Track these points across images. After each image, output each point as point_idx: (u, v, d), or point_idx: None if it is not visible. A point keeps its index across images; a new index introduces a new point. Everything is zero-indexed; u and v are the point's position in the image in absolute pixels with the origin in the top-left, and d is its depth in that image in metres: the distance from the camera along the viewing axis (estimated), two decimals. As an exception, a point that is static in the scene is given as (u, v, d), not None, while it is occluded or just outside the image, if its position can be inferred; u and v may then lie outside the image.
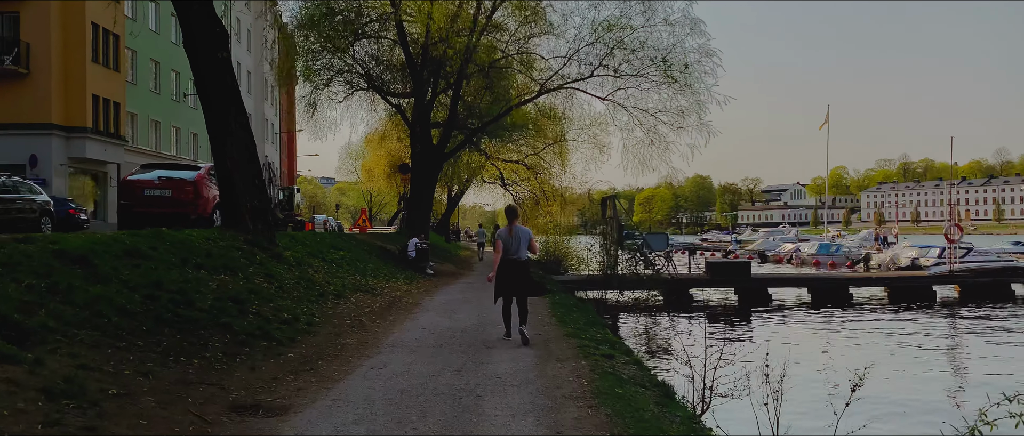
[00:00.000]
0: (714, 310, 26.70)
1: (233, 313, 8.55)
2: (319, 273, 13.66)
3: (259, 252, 12.59)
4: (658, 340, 17.51)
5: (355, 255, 18.85)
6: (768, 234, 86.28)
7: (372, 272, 17.35)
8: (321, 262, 15.00)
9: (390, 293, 14.99)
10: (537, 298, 12.51)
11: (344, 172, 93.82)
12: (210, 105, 13.51)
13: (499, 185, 45.06)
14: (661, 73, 24.98)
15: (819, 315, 25.09)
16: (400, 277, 18.72)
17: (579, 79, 25.99)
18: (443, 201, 58.34)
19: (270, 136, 66.57)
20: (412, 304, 13.74)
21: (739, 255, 60.64)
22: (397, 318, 11.67)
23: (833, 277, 29.16)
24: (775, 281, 28.53)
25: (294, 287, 11.41)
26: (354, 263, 17.24)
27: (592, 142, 38.65)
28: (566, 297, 16.06)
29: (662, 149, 26.30)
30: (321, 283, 12.71)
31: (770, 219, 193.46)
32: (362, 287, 14.43)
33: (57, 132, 31.79)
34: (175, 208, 14.51)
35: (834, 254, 51.58)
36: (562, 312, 12.48)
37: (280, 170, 71.93)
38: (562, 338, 9.70)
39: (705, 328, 8.18)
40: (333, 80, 29.42)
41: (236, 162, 13.40)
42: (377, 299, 13.59)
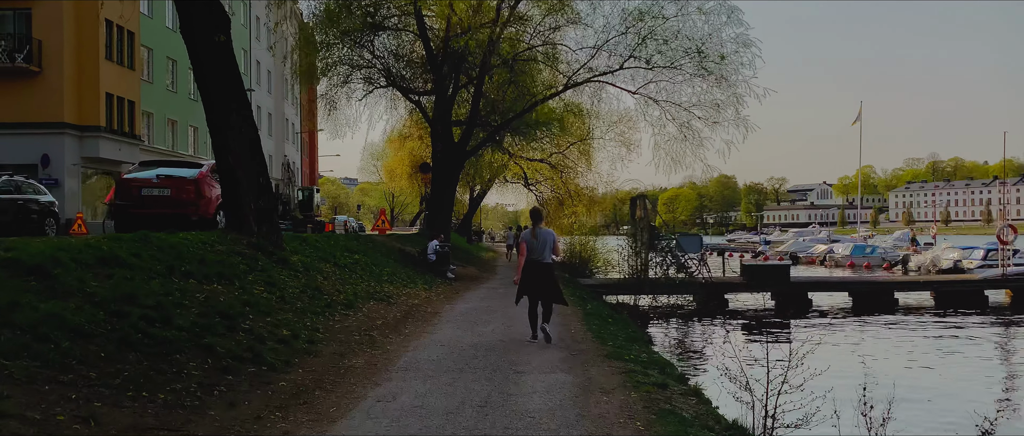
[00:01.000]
0: (751, 316, 25.26)
1: (220, 331, 7.34)
2: (329, 280, 12.44)
3: (262, 257, 11.40)
4: (698, 351, 16.13)
5: (371, 258, 17.65)
6: (797, 234, 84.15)
7: (389, 277, 16.12)
8: (332, 267, 13.79)
9: (407, 301, 13.74)
10: (574, 313, 11.57)
11: (366, 172, 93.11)
12: (209, 96, 12.35)
13: (522, 185, 43.86)
14: (695, 65, 23.56)
15: (864, 322, 23.52)
16: (419, 282, 17.48)
17: (608, 72, 24.62)
18: (465, 201, 57.34)
19: (291, 136, 65.82)
20: (430, 314, 12.47)
21: (769, 256, 58.87)
22: (413, 331, 10.40)
23: (877, 281, 27.54)
24: (815, 285, 26.96)
25: (298, 297, 10.19)
26: (369, 268, 16.03)
27: (619, 140, 37.29)
28: (599, 305, 14.72)
29: (696, 145, 24.86)
30: (330, 291, 11.48)
31: (796, 219, 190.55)
32: (376, 294, 13.20)
33: (70, 131, 30.98)
34: (175, 209, 13.37)
35: (869, 255, 49.77)
36: (597, 324, 11.16)
37: (301, 170, 71.25)
38: (602, 359, 8.38)
39: (766, 348, 6.76)
40: (352, 76, 28.44)
41: (239, 158, 12.23)
42: (392, 308, 12.34)
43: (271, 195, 12.80)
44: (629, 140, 36.91)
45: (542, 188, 42.75)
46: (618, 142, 37.28)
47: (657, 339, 18.12)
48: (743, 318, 24.59)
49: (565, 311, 12.37)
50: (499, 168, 41.35)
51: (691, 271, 25.08)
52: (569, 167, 39.00)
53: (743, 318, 24.59)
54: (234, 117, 12.31)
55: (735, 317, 24.70)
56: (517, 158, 38.75)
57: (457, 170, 27.23)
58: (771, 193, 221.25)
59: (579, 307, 13.53)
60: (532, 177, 42.43)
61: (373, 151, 79.39)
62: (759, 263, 34.76)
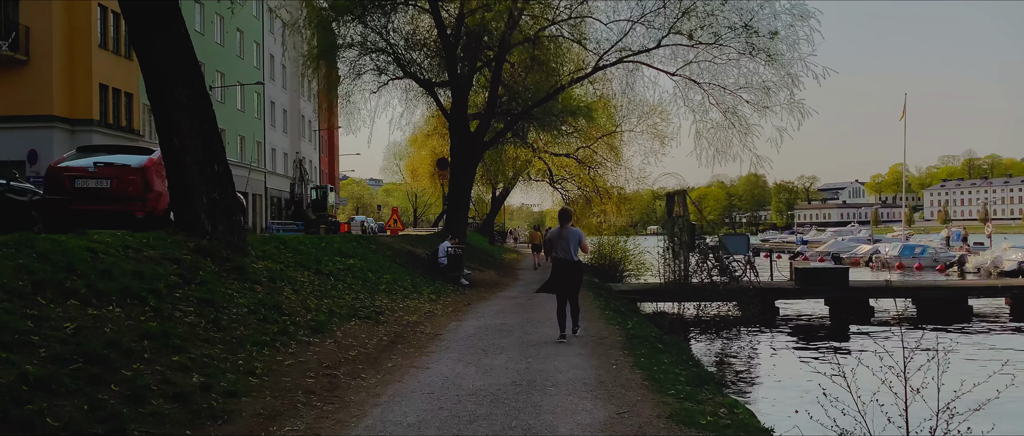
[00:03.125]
0: (807, 326, 22.34)
1: (81, 382, 4.74)
2: (300, 293, 9.82)
3: (210, 265, 8.80)
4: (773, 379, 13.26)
5: (368, 263, 15.04)
6: (836, 234, 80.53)
7: (386, 287, 13.49)
8: (311, 276, 11.17)
9: (402, 318, 11.08)
10: (612, 335, 8.98)
11: (389, 172, 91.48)
12: (149, 59, 9.78)
13: (547, 183, 41.30)
14: (743, 41, 20.69)
15: (938, 332, 20.44)
16: (424, 290, 14.85)
17: (643, 51, 21.80)
18: (487, 201, 54.89)
19: (307, 133, 63.65)
20: (429, 336, 9.79)
21: (809, 257, 55.64)
22: (398, 366, 7.73)
23: (946, 286, 24.42)
24: (877, 291, 23.90)
25: (243, 320, 7.56)
26: (363, 275, 13.40)
27: (652, 132, 34.59)
28: (640, 322, 11.88)
29: (743, 133, 21.96)
30: (295, 309, 8.85)
31: (828, 218, 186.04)
32: (362, 310, 10.56)
33: (60, 125, 28.82)
34: (117, 205, 10.82)
35: (920, 256, 46.35)
36: (646, 355, 8.39)
37: (319, 169, 69.05)
38: (664, 421, 5.56)
39: (904, 378, 4.11)
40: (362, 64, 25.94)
41: (185, 139, 9.65)
42: (379, 329, 9.69)
43: (229, 187, 10.19)
44: (663, 132, 34.23)
45: (568, 186, 40.18)
46: (651, 134, 34.60)
47: (710, 358, 15.30)
48: (799, 329, 21.68)
49: (603, 335, 9.73)
50: (523, 165, 38.88)
51: (737, 275, 22.19)
52: (597, 163, 36.36)
53: (799, 329, 21.68)
54: (180, 89, 9.72)
55: (789, 328, 21.78)
56: (541, 153, 36.17)
57: (474, 163, 24.56)
58: (802, 192, 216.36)
59: (618, 326, 10.76)
60: (558, 174, 39.82)
61: (396, 150, 77.82)
62: (814, 266, 31.71)
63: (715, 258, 21.99)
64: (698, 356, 15.26)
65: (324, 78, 27.20)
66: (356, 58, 25.80)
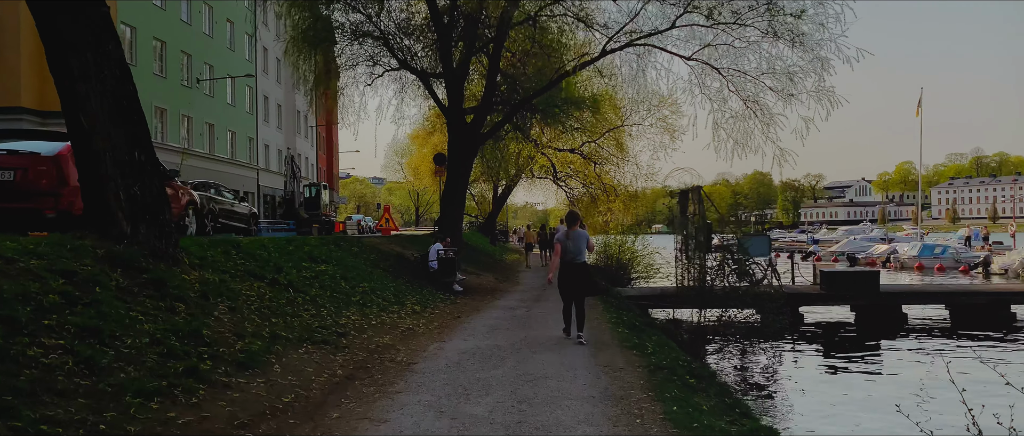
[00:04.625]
0: (834, 336, 20.36)
1: None
2: (240, 312, 7.84)
3: (116, 276, 6.84)
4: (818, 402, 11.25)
5: (346, 269, 13.06)
6: (849, 233, 78.38)
7: (361, 297, 11.51)
8: (264, 287, 9.20)
9: (371, 339, 9.08)
10: (629, 365, 6.93)
11: (390, 171, 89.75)
12: (45, 18, 7.82)
13: (551, 180, 39.32)
14: (766, 22, 18.67)
15: (980, 342, 18.48)
16: (408, 300, 12.86)
17: (655, 33, 19.76)
18: (489, 199, 53.05)
19: (303, 130, 61.68)
20: (399, 367, 7.77)
21: (822, 257, 53.63)
22: (344, 417, 5.69)
23: (985, 291, 22.37)
24: (910, 296, 21.89)
25: (140, 354, 5.57)
26: (334, 284, 11.43)
27: (661, 125, 32.56)
28: (662, 342, 9.81)
29: (765, 123, 19.92)
30: (223, 336, 6.85)
31: (835, 217, 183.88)
32: (321, 332, 8.56)
33: (28, 117, 26.90)
34: (22, 202, 8.87)
35: (941, 257, 44.25)
36: (677, 399, 6.32)
37: (316, 167, 67.13)
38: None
39: None
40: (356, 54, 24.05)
41: (95, 116, 7.69)
42: (336, 358, 7.70)
43: (155, 178, 8.21)
44: (673, 126, 32.24)
45: (573, 183, 38.21)
46: (661, 128, 32.59)
47: (737, 374, 13.32)
48: (828, 339, 19.71)
49: (619, 364, 7.74)
50: (525, 161, 36.92)
51: (758, 279, 20.15)
52: (603, 158, 34.35)
53: (828, 339, 19.71)
54: (88, 55, 7.75)
55: (818, 337, 19.80)
56: (544, 149, 34.16)
57: (470, 157, 22.56)
58: (808, 190, 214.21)
59: (636, 351, 8.74)
60: (562, 170, 37.83)
61: (398, 148, 76.29)
62: (841, 269, 29.71)
63: (734, 261, 19.95)
64: (725, 375, 13.29)
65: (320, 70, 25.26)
66: (348, 46, 23.96)
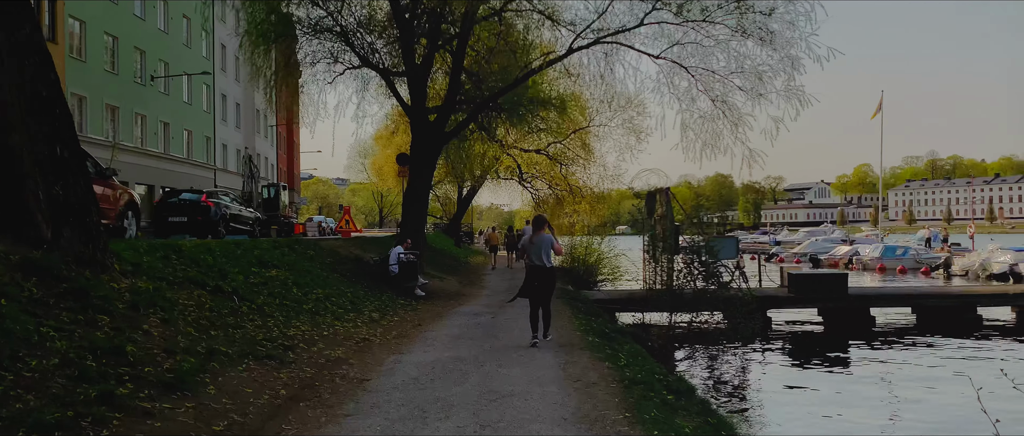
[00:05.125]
0: (803, 339, 20.08)
1: None
2: (175, 324, 7.10)
3: (31, 288, 6.07)
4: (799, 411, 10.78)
5: (299, 274, 12.30)
6: (810, 234, 79.04)
7: (314, 305, 10.78)
8: (205, 296, 8.44)
9: (322, 352, 8.38)
10: (603, 380, 6.35)
11: (354, 171, 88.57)
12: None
13: (517, 181, 38.75)
14: (735, 20, 18.30)
15: (951, 347, 18.31)
16: (366, 308, 12.15)
17: (623, 30, 19.29)
18: (454, 200, 52.39)
19: (263, 129, 60.25)
20: (350, 385, 7.08)
21: (784, 259, 53.82)
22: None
23: (952, 293, 22.30)
24: (878, 299, 21.72)
25: (45, 379, 4.84)
26: (285, 290, 10.68)
27: (627, 127, 32.28)
28: (638, 360, 9.17)
29: (734, 123, 19.57)
30: (151, 353, 6.11)
31: (795, 218, 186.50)
32: (265, 345, 7.84)
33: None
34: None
35: (902, 258, 44.60)
36: (658, 419, 5.76)
37: (276, 167, 65.71)
38: None
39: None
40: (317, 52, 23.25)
41: (5, 107, 6.88)
42: (280, 376, 6.99)
43: (80, 177, 7.42)
44: (639, 127, 32.02)
45: (538, 184, 37.70)
46: (627, 129, 32.30)
47: (708, 382, 12.83)
48: (797, 343, 19.41)
49: (592, 379, 7.16)
50: (491, 162, 36.38)
51: (726, 282, 19.77)
52: (570, 159, 33.90)
53: (797, 343, 19.41)
54: (1, 39, 6.94)
55: (787, 341, 19.48)
56: (510, 149, 33.59)
57: (433, 157, 21.85)
58: (768, 192, 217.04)
59: (608, 362, 8.16)
60: (528, 171, 37.28)
61: (361, 149, 75.38)
62: (810, 271, 29.58)
63: (702, 263, 19.56)
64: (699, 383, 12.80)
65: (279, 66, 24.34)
66: (308, 43, 23.16)
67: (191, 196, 21.82)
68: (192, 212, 20.91)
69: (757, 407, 11.72)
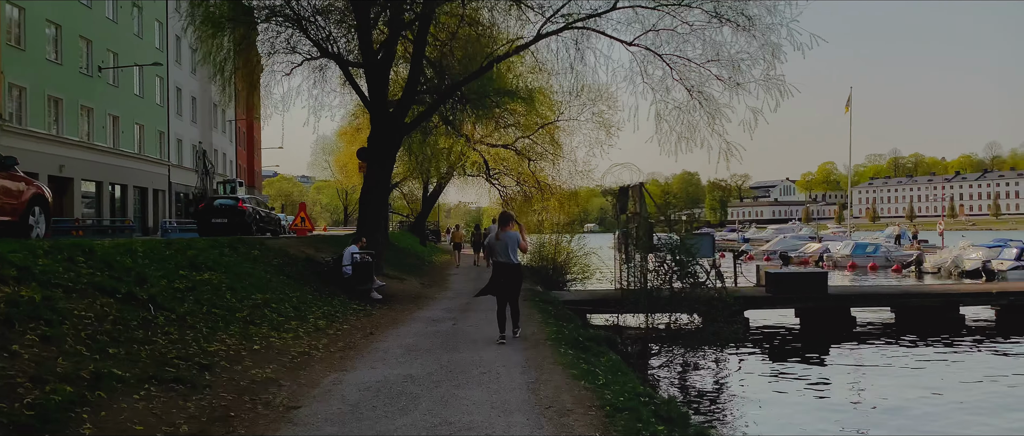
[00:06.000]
0: (783, 341, 19.20)
1: None
2: (62, 341, 5.79)
3: None
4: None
5: (238, 276, 10.98)
6: (779, 231, 79.14)
7: (251, 312, 9.48)
8: (112, 305, 7.12)
9: (249, 371, 7.11)
10: (580, 405, 5.20)
11: (318, 168, 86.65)
12: None
13: (484, 178, 37.59)
14: (713, 4, 17.31)
15: (935, 348, 17.57)
16: (313, 313, 10.87)
17: (594, 15, 18.18)
18: (420, 197, 51.13)
19: (221, 124, 58.25)
20: (275, 413, 5.80)
21: (754, 256, 53.40)
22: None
23: (935, 293, 21.57)
24: (859, 298, 20.92)
25: None
26: (218, 296, 9.37)
27: (598, 121, 31.29)
28: (620, 378, 7.98)
29: (711, 114, 18.58)
30: (4, 387, 4.81)
31: (760, 215, 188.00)
32: (175, 364, 6.54)
33: None
34: None
35: (873, 255, 44.35)
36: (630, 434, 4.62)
37: (235, 163, 63.67)
38: None
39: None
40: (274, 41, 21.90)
41: None
42: (186, 404, 5.70)
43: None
44: (610, 122, 31.04)
45: (506, 181, 36.59)
46: (597, 124, 31.31)
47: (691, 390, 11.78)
48: (777, 345, 18.52)
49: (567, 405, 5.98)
50: (457, 158, 35.17)
51: (701, 281, 18.76)
52: (538, 155, 32.81)
53: (777, 345, 18.52)
54: None
55: (765, 343, 18.58)
56: (477, 144, 32.41)
57: (393, 149, 20.54)
58: (734, 189, 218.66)
59: (584, 381, 6.99)
60: (495, 167, 36.13)
61: (325, 146, 73.74)
62: (787, 270, 28.81)
63: (677, 262, 18.52)
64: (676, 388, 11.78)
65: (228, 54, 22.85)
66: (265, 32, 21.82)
67: (229, 201, 26.08)
68: (231, 215, 24.53)
69: (740, 414, 10.77)
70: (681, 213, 29.40)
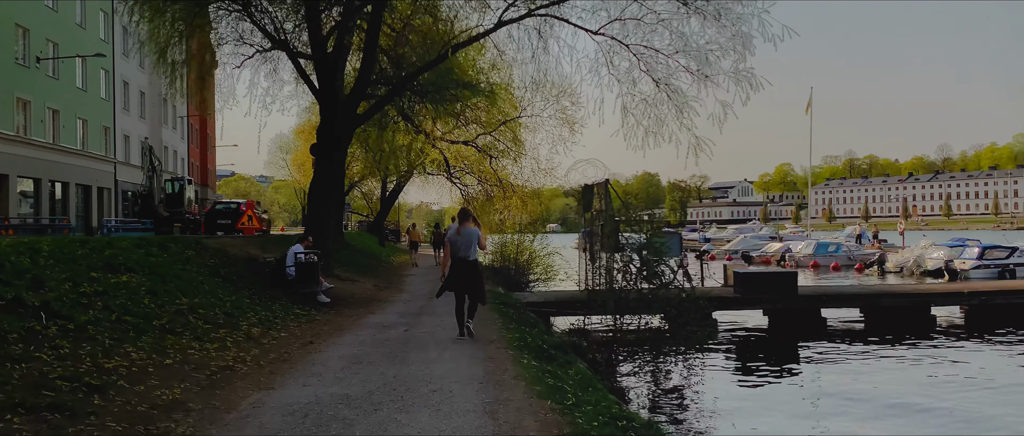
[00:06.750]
0: (758, 343, 18.57)
1: None
2: None
3: None
4: None
5: (163, 280, 9.77)
6: (739, 231, 79.34)
7: (171, 319, 8.33)
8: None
9: (151, 391, 5.99)
10: (539, 409, 4.57)
11: (275, 167, 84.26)
12: None
13: (445, 177, 36.52)
14: (681, -8, 16.50)
15: (906, 348, 17.07)
16: (247, 320, 9.73)
17: (557, 2, 17.25)
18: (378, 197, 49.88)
19: (171, 120, 56.11)
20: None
21: (716, 256, 53.13)
22: None
23: (906, 293, 21.10)
24: (829, 299, 20.34)
25: None
26: (132, 302, 8.21)
27: (561, 117, 30.44)
28: (586, 384, 7.00)
29: (679, 108, 17.79)
30: None
31: (719, 216, 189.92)
32: (60, 385, 5.41)
33: None
34: None
35: (835, 254, 44.31)
36: None
37: (188, 162, 61.51)
38: None
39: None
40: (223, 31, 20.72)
41: None
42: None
43: None
44: (573, 118, 30.23)
45: (468, 179, 35.59)
46: (560, 120, 30.46)
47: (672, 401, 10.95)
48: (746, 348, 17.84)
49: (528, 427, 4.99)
50: (417, 155, 34.06)
51: (669, 282, 17.94)
52: (500, 152, 31.87)
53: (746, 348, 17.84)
54: None
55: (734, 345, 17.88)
56: (437, 141, 31.31)
57: (343, 142, 19.36)
58: (694, 190, 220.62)
59: (552, 401, 6.00)
60: (456, 165, 35.06)
61: (283, 144, 71.79)
62: (756, 270, 28.28)
63: (644, 262, 17.63)
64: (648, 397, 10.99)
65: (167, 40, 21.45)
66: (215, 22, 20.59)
67: (231, 204, 30.86)
68: (233, 216, 27.77)
69: (718, 425, 10.01)
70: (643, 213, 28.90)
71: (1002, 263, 31.80)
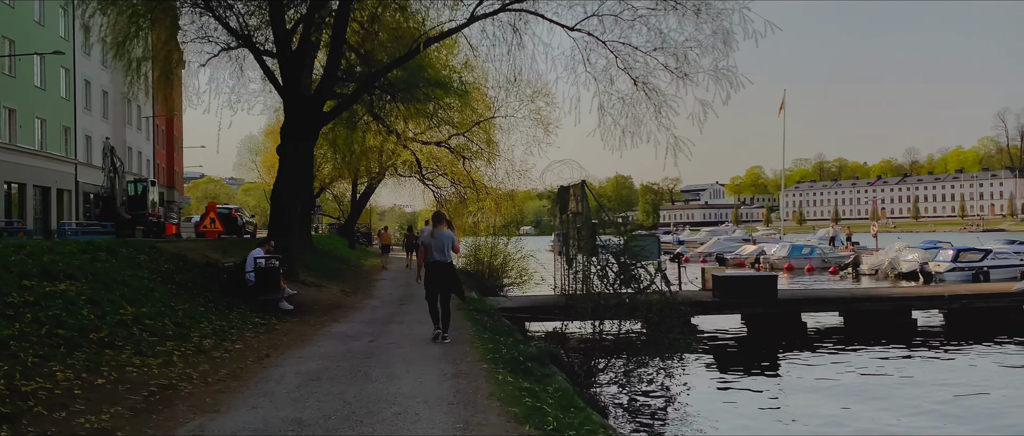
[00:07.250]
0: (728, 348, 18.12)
1: None
2: None
3: None
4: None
5: (108, 288, 8.99)
6: (713, 234, 79.40)
7: (111, 332, 7.57)
8: None
9: (75, 416, 5.26)
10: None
11: (244, 169, 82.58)
12: None
13: (417, 178, 35.81)
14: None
15: (888, 352, 16.71)
16: (199, 331, 8.98)
17: (533, -5, 16.66)
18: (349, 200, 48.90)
19: (135, 120, 54.60)
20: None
21: (690, 258, 52.87)
22: None
23: (887, 296, 20.79)
24: (810, 303, 19.95)
25: None
26: (70, 313, 7.45)
27: (535, 118, 29.93)
28: (566, 402, 6.34)
29: (657, 107, 17.29)
30: None
31: (692, 218, 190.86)
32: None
33: None
34: None
35: (809, 257, 44.19)
36: None
37: (153, 163, 60.00)
38: None
39: None
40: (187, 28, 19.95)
41: None
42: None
43: None
44: (547, 119, 29.75)
45: (441, 181, 34.94)
46: (534, 121, 29.96)
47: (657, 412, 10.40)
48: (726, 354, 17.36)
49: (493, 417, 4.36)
50: (389, 157, 33.38)
51: (646, 286, 17.39)
52: (474, 153, 31.28)
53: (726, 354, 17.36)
54: None
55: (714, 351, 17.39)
56: (409, 142, 30.62)
57: (309, 141, 18.57)
58: (666, 193, 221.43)
59: (534, 428, 5.37)
60: (428, 166, 34.36)
61: (252, 145, 70.39)
62: (734, 273, 27.88)
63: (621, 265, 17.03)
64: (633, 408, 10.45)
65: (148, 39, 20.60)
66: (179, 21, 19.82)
67: (225, 209, 32.07)
68: (226, 221, 28.85)
69: (696, 427, 9.55)
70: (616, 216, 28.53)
71: (976, 265, 31.77)
